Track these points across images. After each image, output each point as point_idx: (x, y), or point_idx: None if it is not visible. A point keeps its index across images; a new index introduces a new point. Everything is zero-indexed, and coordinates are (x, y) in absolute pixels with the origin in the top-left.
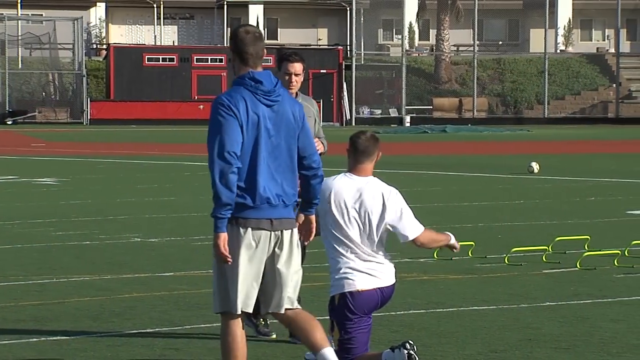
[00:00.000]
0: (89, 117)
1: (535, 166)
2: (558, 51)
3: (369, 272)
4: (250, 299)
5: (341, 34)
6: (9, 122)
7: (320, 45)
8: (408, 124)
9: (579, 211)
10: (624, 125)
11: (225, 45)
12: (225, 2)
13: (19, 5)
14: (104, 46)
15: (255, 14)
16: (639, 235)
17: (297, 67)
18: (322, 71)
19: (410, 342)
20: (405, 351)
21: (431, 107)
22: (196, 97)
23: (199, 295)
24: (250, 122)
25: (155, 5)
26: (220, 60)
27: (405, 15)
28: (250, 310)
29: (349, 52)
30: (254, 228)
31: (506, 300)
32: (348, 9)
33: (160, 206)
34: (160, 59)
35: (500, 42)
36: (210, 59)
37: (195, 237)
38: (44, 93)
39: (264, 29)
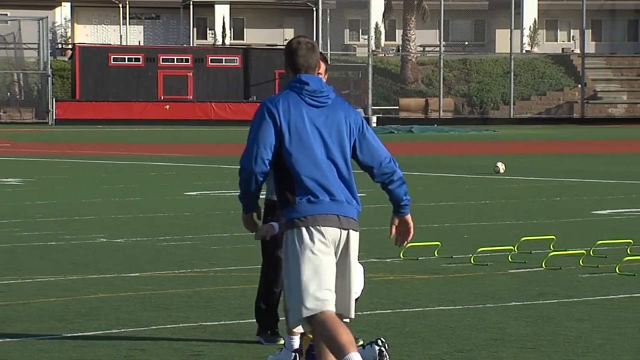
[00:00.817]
0: (54, 117)
1: (501, 166)
2: (524, 52)
3: None
4: (327, 300)
5: (307, 34)
6: None
7: None
8: (374, 124)
9: (544, 211)
10: (589, 125)
11: (191, 45)
12: (191, 2)
13: None
14: (70, 46)
15: (222, 14)
16: (604, 235)
17: (321, 66)
18: None
19: (382, 339)
20: (377, 347)
21: (397, 107)
22: (162, 97)
23: (165, 295)
24: (293, 121)
25: (120, 5)
26: (187, 60)
27: (371, 16)
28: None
29: None
30: (322, 225)
31: (472, 300)
32: (314, 9)
33: (126, 206)
34: (126, 59)
35: (466, 43)
36: (176, 59)
37: (161, 238)
38: (9, 93)
39: (230, 29)
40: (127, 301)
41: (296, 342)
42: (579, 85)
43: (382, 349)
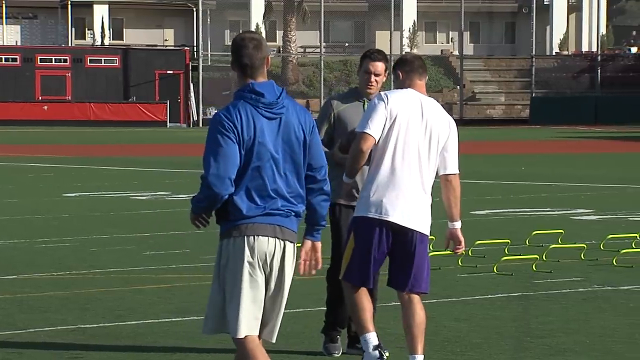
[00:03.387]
0: None
1: None
2: (403, 53)
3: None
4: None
5: (188, 34)
6: None
7: (166, 46)
8: None
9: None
10: (468, 126)
11: (69, 45)
12: (69, 2)
13: None
14: None
15: (100, 14)
16: (482, 236)
17: (379, 66)
18: (168, 72)
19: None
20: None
21: None
22: (40, 98)
23: (43, 298)
24: (248, 136)
25: None
26: (65, 61)
27: (252, 16)
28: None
29: (195, 53)
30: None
31: None
32: (194, 9)
33: (3, 208)
34: (3, 59)
35: (347, 44)
36: (55, 59)
37: (39, 240)
38: None
39: (109, 30)
40: (4, 304)
41: (373, 339)
42: (458, 87)
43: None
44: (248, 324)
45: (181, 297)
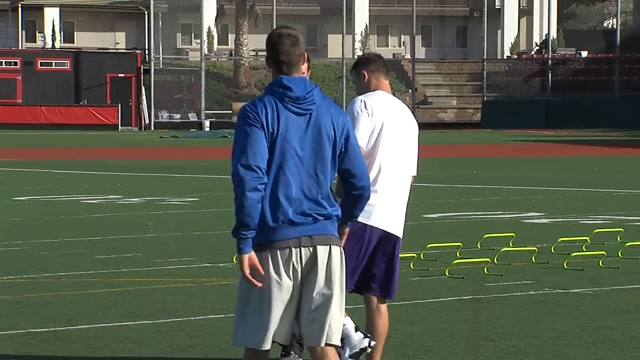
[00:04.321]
0: None
1: None
2: (355, 57)
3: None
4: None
5: (139, 37)
6: None
7: (118, 49)
8: (207, 129)
9: None
10: (420, 130)
11: (20, 47)
12: (19, 5)
13: None
14: None
15: (51, 17)
16: (435, 239)
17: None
18: (120, 75)
19: (372, 342)
20: (367, 341)
21: (230, 111)
22: None
23: None
24: (279, 131)
25: None
26: (15, 64)
27: (204, 20)
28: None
29: (147, 56)
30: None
31: None
32: (146, 12)
33: None
34: None
35: None
36: (5, 62)
37: None
38: None
39: (60, 32)
40: None
41: None
42: (410, 90)
43: (367, 348)
44: (248, 337)
45: (132, 301)
